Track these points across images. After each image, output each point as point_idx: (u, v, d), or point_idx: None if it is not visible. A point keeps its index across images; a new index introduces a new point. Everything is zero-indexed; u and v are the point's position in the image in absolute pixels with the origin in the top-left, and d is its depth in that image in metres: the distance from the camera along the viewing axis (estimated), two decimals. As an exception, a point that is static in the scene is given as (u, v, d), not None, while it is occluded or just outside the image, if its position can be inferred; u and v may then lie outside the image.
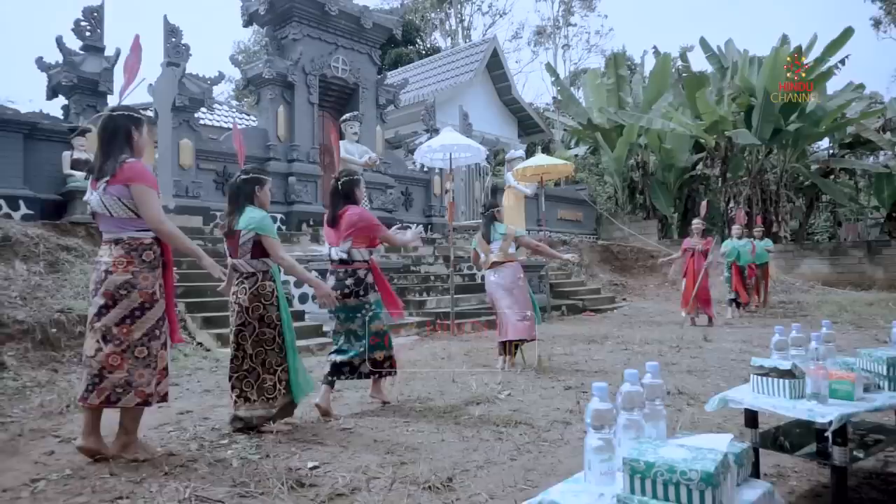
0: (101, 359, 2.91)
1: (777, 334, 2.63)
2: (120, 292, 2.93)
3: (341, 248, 4.09)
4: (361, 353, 4.06)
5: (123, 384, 2.92)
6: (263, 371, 3.54)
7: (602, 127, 18.10)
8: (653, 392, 1.66)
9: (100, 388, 2.91)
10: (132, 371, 2.93)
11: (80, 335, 5.58)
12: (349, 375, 4.08)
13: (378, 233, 4.16)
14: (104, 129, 3.06)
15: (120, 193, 2.95)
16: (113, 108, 3.18)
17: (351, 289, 4.07)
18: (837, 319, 9.15)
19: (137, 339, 2.95)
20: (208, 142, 10.31)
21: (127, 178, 2.93)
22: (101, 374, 2.91)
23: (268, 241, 3.56)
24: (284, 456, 3.12)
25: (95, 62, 9.01)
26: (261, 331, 3.54)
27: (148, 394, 2.97)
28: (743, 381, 4.74)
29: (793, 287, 12.88)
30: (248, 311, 3.52)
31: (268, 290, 3.57)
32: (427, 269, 10.23)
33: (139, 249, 3.00)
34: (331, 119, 12.09)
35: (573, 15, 33.23)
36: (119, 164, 2.95)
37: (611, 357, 6.10)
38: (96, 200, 2.99)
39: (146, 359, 2.97)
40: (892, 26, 31.29)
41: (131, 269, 2.95)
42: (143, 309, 2.97)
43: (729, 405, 2.53)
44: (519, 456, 3.13)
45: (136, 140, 3.10)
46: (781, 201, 16.75)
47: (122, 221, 2.98)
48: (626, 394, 1.55)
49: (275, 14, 11.24)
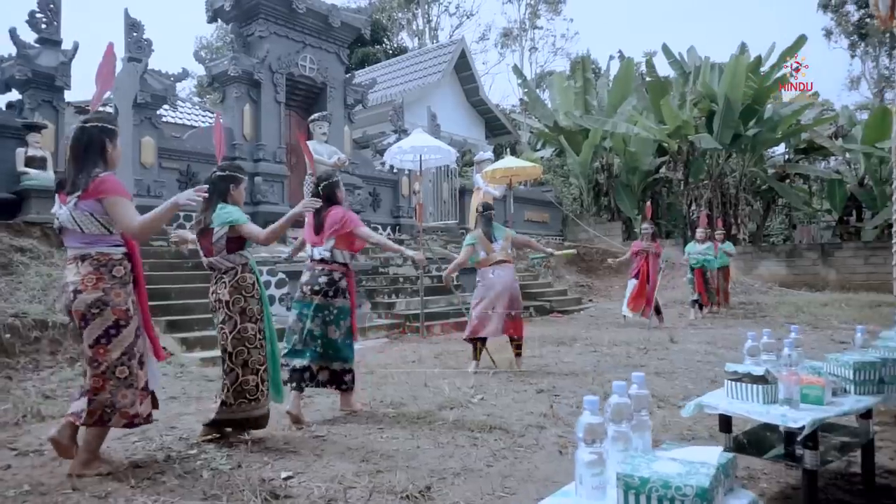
0: (88, 382, 2.85)
1: (750, 340, 2.68)
2: (92, 311, 2.81)
3: (324, 248, 4.05)
4: (318, 356, 3.99)
5: (109, 405, 2.82)
6: (244, 372, 3.43)
7: (568, 130, 18.31)
8: (639, 403, 1.66)
9: (90, 412, 2.82)
10: (115, 392, 2.83)
11: (37, 341, 5.39)
12: (309, 383, 3.99)
13: (356, 227, 4.07)
14: (77, 141, 2.91)
15: (92, 209, 2.82)
16: (85, 118, 3.02)
17: (322, 287, 4.01)
18: (795, 320, 9.43)
19: (116, 359, 2.84)
20: (171, 140, 10.04)
21: (100, 192, 2.81)
22: (90, 398, 2.82)
23: (244, 229, 3.49)
24: (256, 466, 3.05)
25: (52, 56, 8.67)
26: (242, 326, 3.44)
27: (133, 414, 2.87)
28: (710, 383, 4.91)
29: (752, 288, 13.24)
30: (229, 305, 3.43)
31: (248, 282, 3.49)
32: (396, 271, 10.17)
33: (108, 265, 2.88)
34: (298, 118, 11.93)
35: (539, 18, 33.55)
36: (92, 178, 2.83)
37: (580, 359, 6.15)
38: (66, 215, 2.86)
39: (128, 378, 2.87)
40: (843, 37, 32.57)
41: (102, 286, 2.83)
42: (118, 327, 2.85)
43: (704, 410, 2.57)
44: (495, 462, 3.12)
45: (109, 153, 2.98)
46: (740, 204, 17.21)
47: (92, 237, 2.86)
48: (614, 406, 1.54)
49: (241, 10, 11.01)
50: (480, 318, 5.52)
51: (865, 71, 33.74)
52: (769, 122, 16.61)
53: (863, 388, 2.60)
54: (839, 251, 15.68)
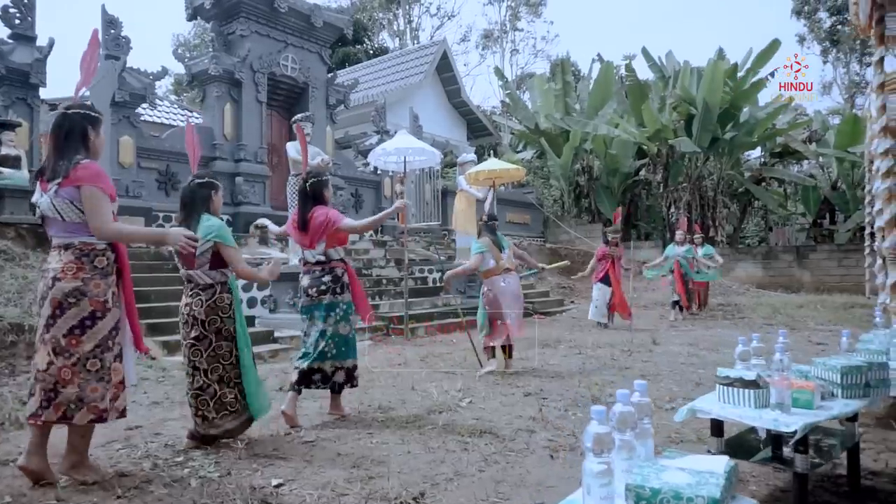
0: (53, 372, 2.72)
1: (741, 345, 2.71)
2: (68, 300, 2.74)
3: (317, 251, 4.02)
4: (332, 357, 3.97)
5: (76, 399, 2.72)
6: (221, 386, 3.39)
7: (549, 132, 18.42)
8: (642, 411, 1.67)
9: (56, 404, 2.71)
10: (84, 386, 2.74)
11: (13, 345, 5.25)
12: (321, 384, 3.98)
13: (339, 223, 4.03)
14: (58, 128, 2.85)
15: (72, 196, 2.76)
16: (68, 105, 2.95)
17: (328, 286, 4.00)
18: (773, 321, 9.62)
19: (89, 351, 2.76)
20: (150, 139, 9.87)
21: (78, 178, 2.74)
22: (56, 389, 2.71)
23: (228, 252, 3.42)
24: (246, 473, 3.00)
25: (26, 52, 8.47)
26: (217, 344, 3.39)
27: (102, 409, 2.78)
28: (695, 385, 4.97)
29: (729, 290, 13.45)
30: (205, 325, 3.37)
31: (226, 303, 3.43)
32: (379, 273, 10.12)
33: (90, 255, 2.81)
34: (279, 118, 11.82)
35: (520, 20, 33.69)
36: (73, 165, 2.76)
37: (566, 361, 6.18)
38: (46, 203, 2.79)
39: (99, 372, 2.78)
40: (815, 43, 33.24)
41: (81, 276, 2.76)
42: (93, 318, 2.78)
43: (697, 415, 2.59)
44: (487, 467, 3.12)
45: (92, 140, 2.91)
46: (718, 207, 17.48)
47: (73, 226, 2.79)
48: (620, 414, 1.55)
49: (221, 9, 10.87)
50: (496, 327, 5.61)
51: (837, 76, 34.47)
52: (746, 126, 16.90)
53: (850, 391, 2.65)
54: (814, 253, 16.01)
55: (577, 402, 4.45)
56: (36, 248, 7.17)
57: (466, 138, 20.46)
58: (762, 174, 19.04)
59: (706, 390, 4.80)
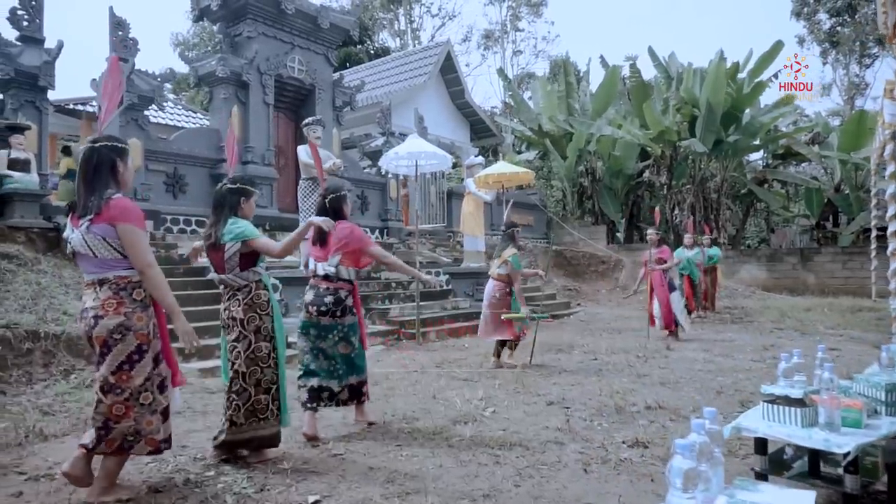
0: (103, 410, 2.71)
1: (783, 361, 2.69)
2: (114, 337, 2.71)
3: (329, 263, 3.96)
4: (337, 375, 3.95)
5: (133, 433, 2.72)
6: (257, 391, 3.35)
7: (552, 133, 18.40)
8: (714, 439, 1.65)
9: (108, 441, 2.71)
10: (139, 419, 2.74)
11: (29, 353, 5.21)
12: (328, 402, 3.96)
13: (366, 246, 4.03)
14: (87, 162, 2.80)
15: (105, 233, 2.71)
16: (94, 138, 2.92)
17: (329, 307, 3.94)
18: (782, 325, 9.63)
19: (140, 385, 2.75)
20: (158, 141, 9.82)
21: (112, 217, 2.70)
22: (108, 426, 2.70)
23: (257, 244, 3.39)
24: (280, 489, 2.98)
25: (34, 54, 8.40)
26: (257, 345, 3.35)
27: (159, 441, 2.80)
28: (716, 394, 4.95)
29: (735, 292, 13.46)
30: (244, 324, 3.34)
31: (263, 300, 3.41)
32: (387, 276, 10.09)
33: (128, 288, 2.78)
34: (286, 120, 11.77)
35: (520, 20, 33.63)
36: (104, 201, 2.71)
37: (582, 368, 6.17)
38: (78, 240, 2.74)
39: (151, 405, 2.78)
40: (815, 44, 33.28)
41: (123, 311, 2.73)
42: (140, 352, 2.76)
43: (742, 433, 2.58)
44: (522, 482, 3.10)
45: (121, 172, 2.88)
46: (722, 209, 17.50)
47: (107, 262, 2.76)
48: (699, 446, 1.52)
49: (228, 10, 10.81)
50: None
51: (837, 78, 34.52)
52: (749, 128, 16.91)
53: (895, 409, 2.63)
54: (818, 256, 16.03)
55: (602, 411, 4.44)
56: (47, 253, 7.11)
57: (470, 139, 20.43)
58: (765, 176, 19.06)
59: (728, 399, 4.82)
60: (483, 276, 10.50)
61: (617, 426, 4.05)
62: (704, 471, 1.54)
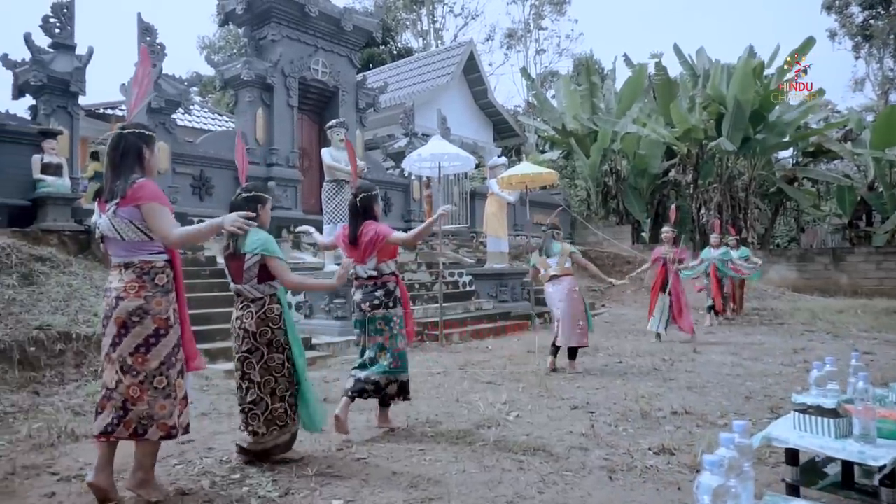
0: (122, 390, 2.74)
1: (815, 370, 2.62)
2: (133, 319, 2.76)
3: (369, 266, 4.02)
4: (388, 370, 3.98)
5: (146, 416, 2.75)
6: (273, 400, 3.38)
7: (576, 133, 18.25)
8: (743, 453, 1.61)
9: (126, 422, 2.74)
10: (152, 403, 2.76)
11: (61, 353, 5.33)
12: (372, 394, 3.98)
13: (388, 236, 4.04)
14: (114, 148, 2.88)
15: (131, 215, 2.78)
16: (123, 125, 2.99)
17: (381, 300, 4.01)
18: (813, 327, 9.41)
19: (155, 369, 2.78)
20: (185, 145, 9.99)
21: (137, 199, 2.76)
22: (126, 407, 2.74)
23: (275, 264, 3.40)
24: (304, 493, 2.99)
25: (66, 61, 8.62)
26: (269, 357, 3.39)
27: (171, 426, 2.81)
28: (745, 399, 4.86)
29: (765, 293, 13.19)
30: (256, 337, 3.37)
31: (275, 314, 3.42)
32: (411, 277, 10.11)
33: (151, 273, 2.83)
34: (310, 122, 11.87)
35: (544, 19, 33.44)
36: (130, 185, 2.78)
37: (607, 371, 6.10)
38: (106, 224, 2.81)
39: (165, 389, 2.80)
40: (847, 38, 32.46)
41: (143, 294, 2.78)
42: (157, 336, 2.80)
43: (773, 443, 2.51)
44: (546, 489, 3.07)
45: (147, 159, 2.94)
46: (750, 208, 17.17)
47: (133, 245, 2.81)
48: (728, 461, 1.48)
49: (253, 14, 10.95)
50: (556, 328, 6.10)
51: (870, 72, 33.63)
52: (777, 126, 16.56)
53: (933, 419, 2.54)
54: (851, 256, 15.63)
55: (627, 416, 4.38)
56: (78, 255, 7.28)
57: (493, 139, 20.37)
58: (795, 174, 18.66)
59: (757, 405, 4.72)
60: (507, 276, 10.50)
61: (642, 432, 4.00)
62: (734, 487, 1.50)
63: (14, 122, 8.14)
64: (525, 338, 8.68)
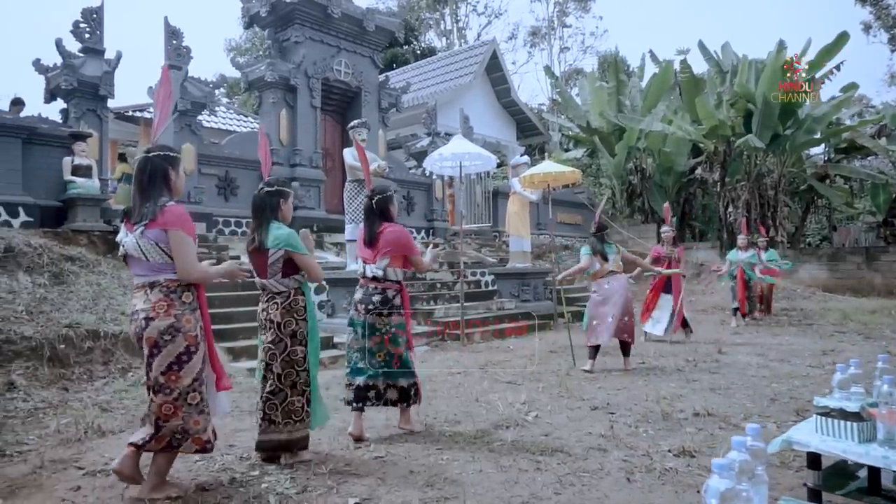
0: (154, 409, 2.83)
1: (839, 372, 2.56)
2: (164, 338, 2.82)
3: (377, 266, 4.02)
4: (386, 375, 3.97)
5: (181, 431, 2.83)
6: (293, 393, 3.42)
7: (601, 131, 18.08)
8: (756, 456, 1.58)
9: (158, 438, 2.82)
10: (187, 419, 2.84)
11: (90, 351, 5.46)
12: (375, 401, 3.98)
13: (411, 255, 4.07)
14: (141, 171, 2.94)
15: (158, 238, 2.84)
16: (148, 148, 3.07)
17: (376, 306, 3.99)
18: (844, 328, 9.18)
19: (188, 385, 2.85)
20: (210, 146, 10.15)
21: (166, 223, 2.83)
22: (158, 425, 2.82)
23: (300, 259, 3.45)
24: (322, 490, 3.02)
25: (95, 65, 8.82)
26: (292, 349, 3.42)
27: (205, 441, 2.89)
28: (770, 402, 4.77)
29: (794, 293, 12.90)
30: (281, 327, 3.42)
31: (300, 305, 3.47)
32: (433, 277, 10.13)
33: (178, 291, 2.89)
34: (333, 123, 11.97)
35: (568, 16, 33.20)
36: (159, 209, 2.85)
37: (629, 371, 6.03)
38: (132, 244, 2.87)
39: (199, 405, 2.88)
40: (882, 31, 31.54)
41: (174, 313, 2.84)
42: (189, 353, 2.86)
43: (793, 447, 2.46)
44: (562, 490, 3.05)
45: (173, 180, 3.01)
46: (779, 206, 16.79)
47: (158, 266, 2.88)
48: (740, 464, 1.46)
49: (276, 16, 11.08)
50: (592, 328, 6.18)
51: (907, 66, 32.67)
52: (808, 122, 16.16)
53: (963, 424, 2.45)
54: (885, 255, 15.20)
55: (648, 417, 4.33)
56: (107, 255, 7.44)
57: (516, 138, 20.30)
58: (826, 171, 18.19)
59: (782, 407, 4.63)
60: (529, 275, 10.45)
61: (663, 433, 3.94)
62: (745, 490, 1.47)
63: (46, 125, 8.36)
64: (547, 337, 8.64)
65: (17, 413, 4.37)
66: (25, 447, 3.71)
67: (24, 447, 3.71)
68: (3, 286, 5.96)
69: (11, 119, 8.13)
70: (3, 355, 5.02)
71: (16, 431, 4.00)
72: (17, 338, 5.18)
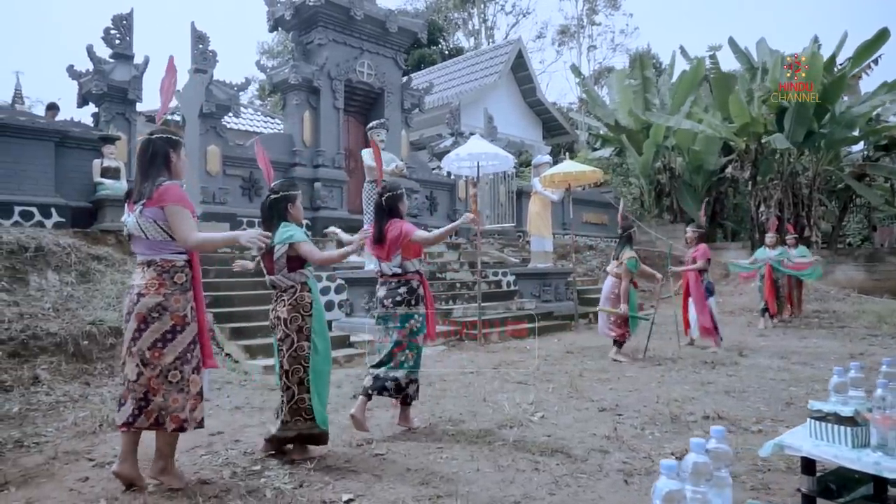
0: (143, 382, 2.91)
1: (836, 375, 2.49)
2: (152, 315, 2.92)
3: (393, 263, 4.09)
4: (408, 368, 4.03)
5: (163, 407, 2.92)
6: (300, 390, 3.45)
7: (629, 129, 17.83)
8: (719, 459, 1.55)
9: (147, 412, 2.91)
10: (167, 396, 2.92)
11: (112, 347, 5.63)
12: (393, 393, 4.02)
13: (412, 235, 4.07)
14: (143, 152, 3.06)
15: (155, 216, 2.94)
16: (151, 130, 3.17)
17: (403, 297, 4.06)
18: (877, 331, 8.89)
19: (170, 363, 2.93)
20: (235, 147, 10.34)
21: (162, 200, 2.93)
22: (147, 398, 2.91)
23: (301, 248, 3.50)
24: (318, 486, 3.07)
25: (125, 70, 9.09)
26: (299, 344, 3.46)
27: (182, 419, 2.95)
28: (785, 405, 4.65)
29: (827, 295, 12.51)
30: (287, 323, 3.47)
31: (306, 301, 3.51)
32: (453, 276, 10.15)
33: (171, 272, 2.99)
34: (356, 124, 12.08)
35: (597, 14, 32.84)
36: (156, 187, 2.95)
37: (644, 373, 5.95)
38: (132, 222, 2.99)
39: (179, 383, 2.95)
40: (927, 23, 30.36)
41: (163, 292, 2.94)
42: (174, 332, 2.95)
43: (785, 451, 2.41)
44: (557, 490, 3.04)
45: (173, 162, 3.10)
46: (814, 205, 16.31)
47: (156, 244, 2.98)
48: (693, 466, 1.44)
49: (300, 19, 11.23)
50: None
51: (954, 59, 31.35)
52: (845, 119, 15.65)
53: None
54: (925, 255, 14.65)
55: (655, 419, 4.27)
56: (133, 254, 7.66)
57: (542, 137, 20.17)
58: (865, 169, 17.59)
59: (797, 411, 4.51)
60: (551, 276, 10.37)
61: (669, 436, 3.89)
62: (700, 493, 1.45)
63: (77, 128, 8.65)
64: (566, 338, 8.57)
65: (40, 406, 4.54)
66: (43, 439, 3.85)
67: (41, 439, 3.85)
68: (32, 284, 6.20)
69: (45, 123, 8.44)
70: (30, 350, 5.23)
71: (36, 424, 4.16)
72: (42, 334, 5.38)
